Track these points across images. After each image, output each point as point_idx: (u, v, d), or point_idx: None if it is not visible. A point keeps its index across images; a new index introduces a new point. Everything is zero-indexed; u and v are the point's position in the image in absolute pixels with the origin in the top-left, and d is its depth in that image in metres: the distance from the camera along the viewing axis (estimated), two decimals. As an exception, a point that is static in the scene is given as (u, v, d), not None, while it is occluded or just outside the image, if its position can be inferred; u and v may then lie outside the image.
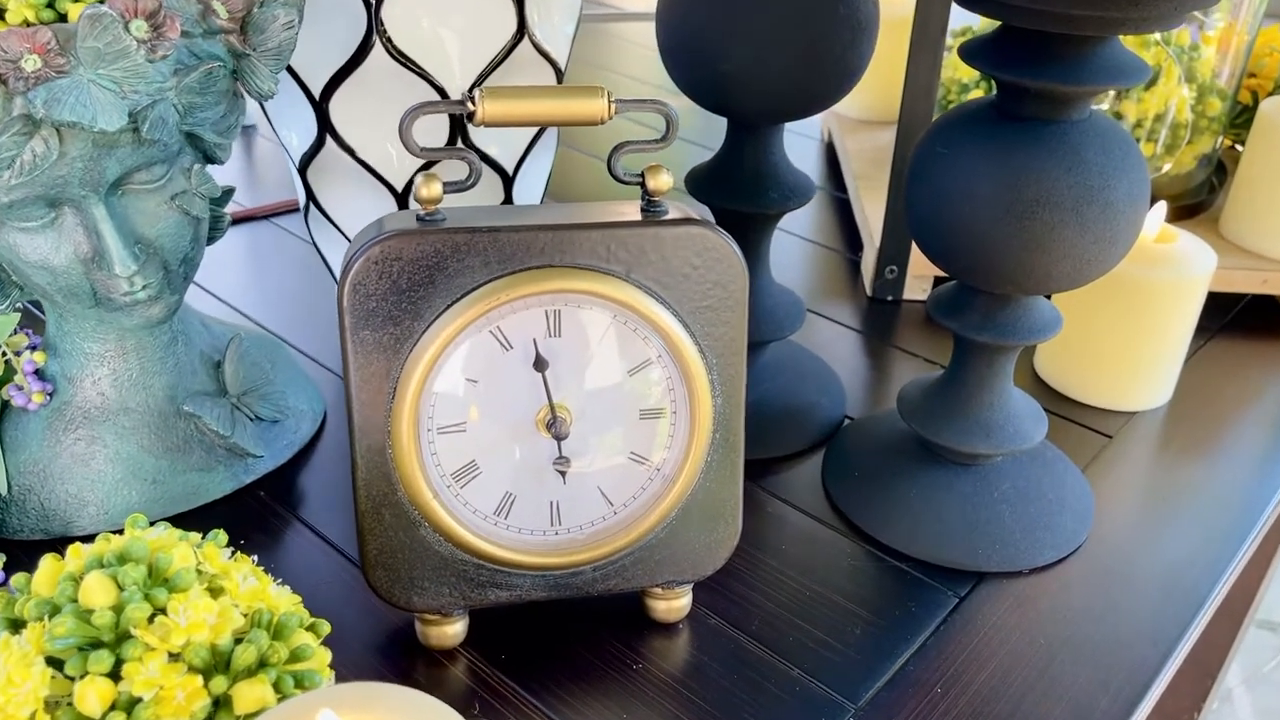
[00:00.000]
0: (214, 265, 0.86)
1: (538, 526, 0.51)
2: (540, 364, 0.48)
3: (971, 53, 0.52)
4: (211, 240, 0.59)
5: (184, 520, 0.59)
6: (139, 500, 0.58)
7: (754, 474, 0.66)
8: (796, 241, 0.96)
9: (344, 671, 0.51)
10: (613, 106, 0.47)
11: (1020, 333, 0.57)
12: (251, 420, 0.62)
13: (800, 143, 1.18)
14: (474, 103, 0.46)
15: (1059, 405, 0.74)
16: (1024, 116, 0.52)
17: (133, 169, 0.49)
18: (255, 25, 0.50)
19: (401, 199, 0.65)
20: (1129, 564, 0.60)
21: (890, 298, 0.86)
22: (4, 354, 0.59)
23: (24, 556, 0.56)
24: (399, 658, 0.52)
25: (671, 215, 0.48)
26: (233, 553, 0.45)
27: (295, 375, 0.67)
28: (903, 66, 0.77)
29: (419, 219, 0.47)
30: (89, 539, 0.57)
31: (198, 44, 0.49)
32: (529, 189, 0.69)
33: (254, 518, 0.60)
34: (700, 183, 0.64)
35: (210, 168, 0.56)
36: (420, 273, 0.46)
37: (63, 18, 0.45)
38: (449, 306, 0.47)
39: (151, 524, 0.58)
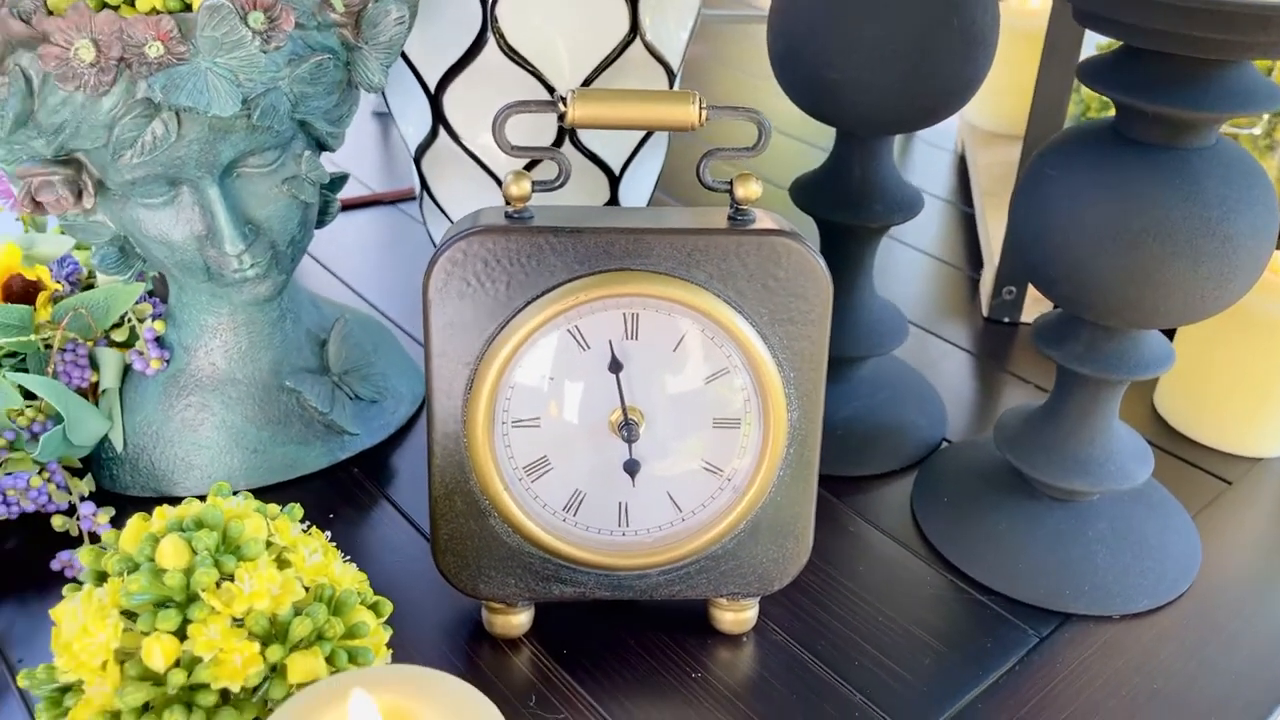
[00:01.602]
0: (337, 247, 0.89)
1: (605, 526, 0.51)
2: (615, 365, 0.48)
3: (1090, 73, 0.50)
4: (321, 224, 0.61)
5: (279, 490, 0.62)
6: (240, 467, 0.61)
7: (841, 491, 0.64)
8: (917, 255, 0.93)
9: (409, 650, 0.53)
10: (704, 113, 0.47)
11: (1126, 367, 0.54)
12: (351, 399, 0.64)
13: (931, 153, 1.15)
14: (565, 104, 0.46)
15: (1176, 445, 0.70)
16: (1142, 141, 0.49)
17: (246, 153, 0.52)
18: (369, 19, 0.52)
19: (509, 193, 0.66)
20: (1232, 620, 0.56)
21: (1007, 319, 0.83)
22: (130, 320, 0.62)
23: (134, 509, 0.60)
24: (465, 641, 0.53)
25: (758, 225, 0.48)
26: (308, 527, 0.47)
27: (398, 359, 0.70)
28: (1034, 81, 0.74)
29: (508, 216, 0.48)
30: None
31: (312, 36, 0.51)
32: (636, 189, 0.70)
33: (345, 493, 0.63)
34: (805, 192, 0.63)
35: (337, 152, 0.58)
36: (502, 268, 0.47)
37: (187, 8, 0.48)
38: (529, 303, 0.47)
39: (247, 492, 0.61)
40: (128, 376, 0.62)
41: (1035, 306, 0.82)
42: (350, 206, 0.95)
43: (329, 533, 0.47)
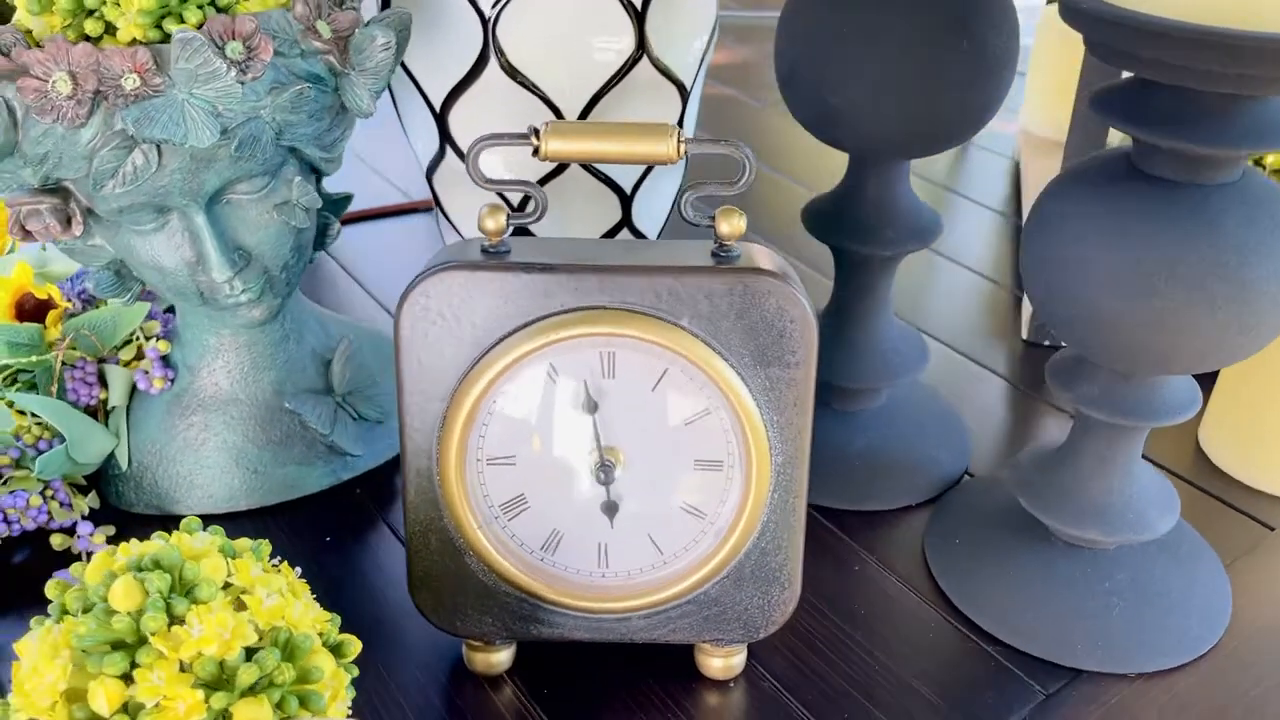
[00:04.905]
0: (363, 256, 0.89)
1: (584, 567, 0.50)
2: (590, 406, 0.47)
3: (1102, 104, 0.46)
4: (321, 246, 0.61)
5: (281, 510, 0.62)
6: (241, 487, 0.61)
7: (850, 527, 0.62)
8: (960, 271, 0.90)
9: (387, 684, 0.52)
10: (682, 146, 0.45)
11: (1142, 413, 0.50)
12: (354, 420, 0.64)
13: (988, 160, 1.10)
14: (538, 137, 0.45)
15: (1219, 485, 0.66)
16: (1158, 176, 0.46)
17: (233, 180, 0.51)
18: (355, 45, 0.51)
19: (518, 212, 0.65)
20: (1259, 681, 0.53)
21: (1047, 342, 0.79)
22: (138, 339, 0.63)
23: (137, 527, 0.60)
24: (446, 677, 0.53)
25: (742, 263, 0.46)
26: (279, 562, 0.47)
27: (408, 377, 0.69)
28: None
29: (483, 250, 0.46)
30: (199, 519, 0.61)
31: (296, 64, 0.50)
32: (649, 210, 0.68)
33: (347, 515, 0.62)
34: (815, 217, 0.61)
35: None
36: (475, 304, 0.46)
37: (167, 38, 0.47)
38: (501, 340, 0.46)
39: (250, 511, 0.61)
40: (135, 394, 0.63)
41: (1077, 330, 0.78)
42: (381, 215, 0.95)
43: (299, 569, 0.46)
